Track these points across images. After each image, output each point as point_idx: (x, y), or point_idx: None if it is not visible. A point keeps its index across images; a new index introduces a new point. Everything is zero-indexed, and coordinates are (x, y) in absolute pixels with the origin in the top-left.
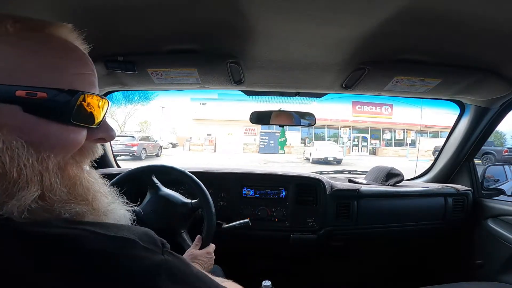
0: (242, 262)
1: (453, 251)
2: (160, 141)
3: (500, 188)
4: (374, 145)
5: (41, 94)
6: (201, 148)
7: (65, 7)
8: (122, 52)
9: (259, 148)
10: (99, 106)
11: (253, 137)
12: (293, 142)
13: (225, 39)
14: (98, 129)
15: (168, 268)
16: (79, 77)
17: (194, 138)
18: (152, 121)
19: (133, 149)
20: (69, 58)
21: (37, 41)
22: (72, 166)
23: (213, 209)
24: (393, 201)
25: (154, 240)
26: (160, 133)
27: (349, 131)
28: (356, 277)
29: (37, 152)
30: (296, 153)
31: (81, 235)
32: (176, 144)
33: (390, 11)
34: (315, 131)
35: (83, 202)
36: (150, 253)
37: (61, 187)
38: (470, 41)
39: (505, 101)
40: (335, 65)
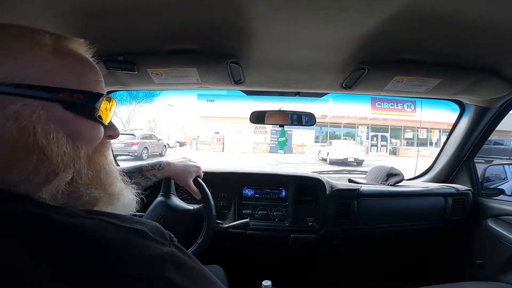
0: (242, 262)
1: (453, 251)
2: (167, 140)
3: (500, 188)
4: (394, 144)
5: (78, 96)
6: (209, 147)
7: (65, 7)
8: (122, 52)
9: (270, 147)
10: (111, 107)
11: (264, 136)
12: (307, 141)
13: (225, 39)
14: (108, 127)
15: (174, 259)
16: (96, 82)
17: (201, 136)
18: (160, 120)
19: (133, 148)
20: (87, 67)
21: (67, 52)
22: (97, 155)
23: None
24: (393, 201)
25: (163, 233)
26: (168, 132)
27: (366, 130)
28: (356, 277)
29: (73, 142)
30: (309, 152)
31: (98, 225)
32: (184, 143)
33: (390, 11)
34: (328, 129)
35: (100, 187)
36: (159, 244)
37: (88, 172)
38: (470, 41)
39: (505, 101)
40: (335, 65)
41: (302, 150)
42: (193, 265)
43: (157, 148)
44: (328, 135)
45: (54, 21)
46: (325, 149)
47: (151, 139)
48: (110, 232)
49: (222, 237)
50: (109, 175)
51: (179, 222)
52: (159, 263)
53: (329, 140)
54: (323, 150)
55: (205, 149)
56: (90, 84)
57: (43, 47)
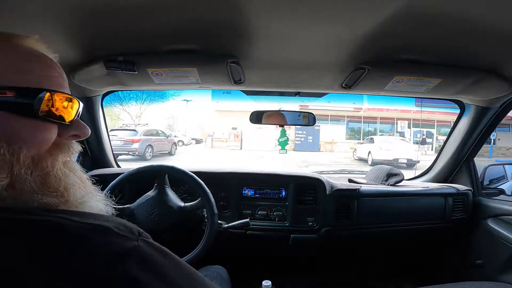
0: (242, 262)
1: (453, 251)
2: (182, 137)
3: (500, 188)
4: (441, 142)
5: (10, 93)
6: (225, 145)
7: (65, 7)
8: (122, 52)
9: (295, 145)
10: (68, 105)
11: (287, 132)
12: (337, 137)
13: (225, 39)
14: (71, 126)
15: (138, 255)
16: (45, 78)
17: (217, 133)
18: (177, 116)
19: (133, 146)
20: (35, 62)
21: (11, 50)
22: (47, 159)
23: (215, 209)
24: (393, 201)
25: (131, 229)
26: (185, 128)
27: (408, 125)
28: (356, 276)
29: (8, 144)
30: (340, 151)
31: (59, 222)
32: (200, 140)
33: (390, 11)
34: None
35: (54, 194)
36: (122, 239)
37: (33, 178)
38: (470, 41)
39: (505, 100)
40: (335, 65)
41: (331, 148)
42: (165, 262)
43: (165, 146)
44: (362, 131)
45: (54, 21)
46: (363, 147)
47: (157, 136)
48: (67, 229)
49: (222, 237)
50: (62, 180)
51: (171, 219)
52: (118, 259)
53: (370, 137)
54: (361, 149)
55: (221, 146)
56: (35, 80)
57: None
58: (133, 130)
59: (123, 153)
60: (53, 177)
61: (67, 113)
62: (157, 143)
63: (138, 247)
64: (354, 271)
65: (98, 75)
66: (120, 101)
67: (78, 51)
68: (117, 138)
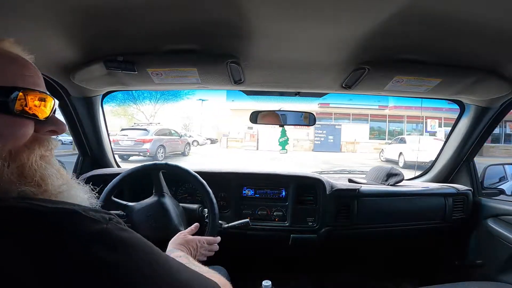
0: (242, 262)
1: (453, 251)
2: (197, 137)
3: (500, 188)
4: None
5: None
6: (241, 145)
7: (65, 7)
8: (122, 52)
9: (314, 144)
10: (41, 103)
11: (306, 131)
12: (359, 137)
13: (225, 39)
14: (47, 122)
15: (108, 237)
16: (21, 78)
17: (232, 132)
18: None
19: (144, 147)
20: (9, 63)
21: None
22: (23, 153)
23: (217, 210)
24: (393, 201)
25: (101, 213)
26: (200, 128)
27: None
28: (356, 276)
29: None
30: (363, 151)
31: (31, 207)
32: (216, 140)
33: (390, 11)
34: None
35: (31, 183)
36: (92, 222)
37: (10, 170)
38: (470, 41)
39: (505, 101)
40: (335, 65)
41: (353, 148)
42: (136, 243)
43: (179, 146)
44: (387, 131)
45: (54, 21)
46: (392, 147)
47: (170, 135)
48: (37, 214)
49: (222, 237)
50: (37, 171)
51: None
52: (86, 241)
53: (399, 137)
54: (390, 149)
55: (237, 146)
56: (11, 80)
57: None
58: (144, 130)
59: (134, 153)
60: (29, 169)
61: (40, 111)
62: (170, 143)
63: (107, 230)
64: (354, 271)
65: (98, 75)
66: (134, 100)
67: (78, 51)
68: (128, 138)
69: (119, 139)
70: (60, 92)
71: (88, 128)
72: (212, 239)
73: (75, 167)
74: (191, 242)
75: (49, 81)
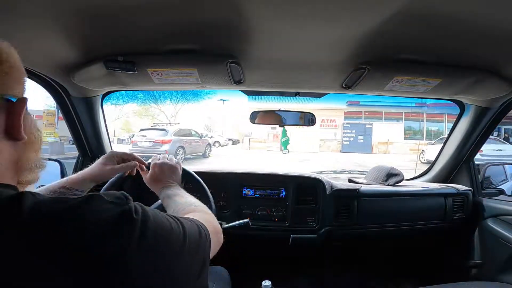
0: (242, 262)
1: (453, 251)
2: (219, 137)
3: (500, 188)
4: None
5: None
6: (264, 146)
7: (65, 7)
8: (122, 52)
9: (342, 145)
10: None
11: (333, 131)
12: (393, 137)
13: (225, 39)
14: None
15: (134, 215)
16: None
17: (255, 133)
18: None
19: (163, 148)
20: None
21: None
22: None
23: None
24: (393, 201)
25: (117, 195)
26: (222, 129)
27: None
28: (356, 276)
29: None
30: (396, 152)
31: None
32: (237, 140)
33: (390, 11)
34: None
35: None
36: (114, 205)
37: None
38: (470, 41)
39: (505, 101)
40: (335, 65)
41: (386, 149)
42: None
43: (199, 147)
44: (424, 130)
45: (54, 21)
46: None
47: (190, 136)
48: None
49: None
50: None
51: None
52: (118, 218)
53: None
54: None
55: (260, 147)
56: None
57: None
58: (163, 130)
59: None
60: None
61: None
62: (190, 144)
63: (129, 208)
64: (354, 271)
65: (98, 75)
66: (155, 100)
67: (78, 51)
68: (147, 139)
69: (138, 140)
70: (60, 92)
71: (88, 128)
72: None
73: (75, 167)
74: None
75: (49, 81)
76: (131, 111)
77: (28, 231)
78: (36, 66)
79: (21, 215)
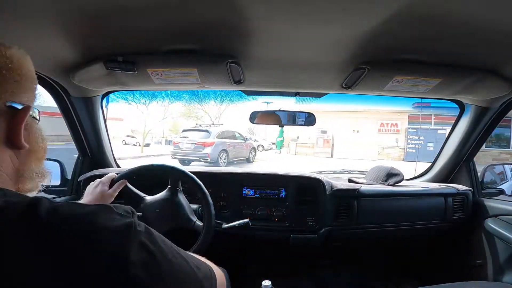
0: (242, 262)
1: (453, 251)
2: (263, 141)
3: (500, 188)
4: None
5: None
6: (312, 151)
7: (65, 7)
8: (122, 52)
9: (406, 153)
10: None
11: (395, 136)
12: None
13: (225, 39)
14: None
15: (137, 227)
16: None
17: (302, 137)
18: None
19: (205, 151)
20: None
21: None
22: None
23: (213, 210)
24: (393, 201)
25: (125, 208)
26: (265, 132)
27: None
28: (356, 277)
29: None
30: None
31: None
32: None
33: (390, 11)
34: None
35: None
36: (121, 216)
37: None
38: (470, 41)
39: (505, 101)
40: (335, 65)
41: None
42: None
43: (243, 151)
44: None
45: (54, 21)
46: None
47: (233, 139)
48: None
49: (222, 237)
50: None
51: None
52: (124, 230)
53: None
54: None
55: (307, 153)
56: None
57: None
58: (205, 131)
59: (194, 158)
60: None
61: None
62: (234, 147)
63: (134, 222)
64: (354, 271)
65: (98, 75)
66: (199, 100)
67: (78, 51)
68: (188, 141)
69: (180, 142)
70: (60, 92)
71: (88, 128)
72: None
73: (75, 167)
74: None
75: (49, 81)
76: (177, 112)
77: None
78: (36, 66)
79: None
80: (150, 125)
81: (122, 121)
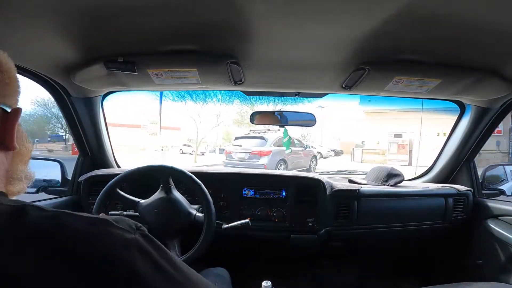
0: (242, 262)
1: (453, 251)
2: (320, 148)
3: (500, 188)
4: None
5: None
6: (382, 159)
7: (65, 7)
8: (122, 52)
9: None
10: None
11: (495, 139)
12: None
13: (225, 39)
14: None
15: (138, 245)
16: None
17: (369, 142)
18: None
19: (260, 162)
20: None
21: None
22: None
23: (213, 210)
24: (393, 201)
25: (129, 223)
26: (321, 138)
27: None
28: (356, 277)
29: None
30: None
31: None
32: (340, 151)
33: (390, 11)
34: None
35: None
36: (122, 231)
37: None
38: (470, 41)
39: (505, 101)
40: (335, 65)
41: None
42: (160, 254)
43: (302, 161)
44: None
45: (54, 22)
46: None
47: (293, 146)
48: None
49: (222, 237)
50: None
51: (178, 224)
52: (121, 247)
53: None
54: None
55: (376, 160)
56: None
57: None
58: (261, 138)
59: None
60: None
61: None
62: (292, 156)
63: (136, 239)
64: (354, 271)
65: (98, 75)
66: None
67: (78, 52)
68: (242, 149)
69: (232, 151)
70: (60, 92)
71: (88, 129)
72: None
73: (76, 167)
74: None
75: (49, 81)
76: (229, 119)
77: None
78: (36, 66)
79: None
80: (203, 133)
81: (179, 130)
